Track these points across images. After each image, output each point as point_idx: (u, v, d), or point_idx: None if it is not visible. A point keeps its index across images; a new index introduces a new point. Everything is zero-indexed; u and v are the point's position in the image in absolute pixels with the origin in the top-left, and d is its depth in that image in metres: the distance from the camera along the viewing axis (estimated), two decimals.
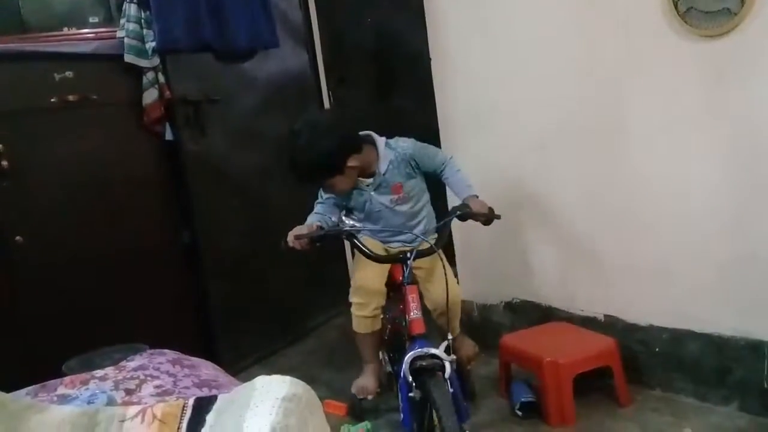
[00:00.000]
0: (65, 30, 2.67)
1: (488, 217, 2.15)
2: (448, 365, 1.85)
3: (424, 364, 1.85)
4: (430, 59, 3.05)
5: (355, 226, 2.11)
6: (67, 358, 2.10)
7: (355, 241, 2.11)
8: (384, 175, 2.24)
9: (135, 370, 1.52)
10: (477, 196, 2.23)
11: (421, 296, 2.09)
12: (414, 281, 2.07)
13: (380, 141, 2.27)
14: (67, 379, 1.50)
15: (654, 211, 2.43)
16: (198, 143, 2.87)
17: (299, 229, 2.13)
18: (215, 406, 1.24)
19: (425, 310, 2.11)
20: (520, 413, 2.44)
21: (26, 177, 2.35)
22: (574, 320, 2.71)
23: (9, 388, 1.43)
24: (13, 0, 2.61)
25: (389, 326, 2.39)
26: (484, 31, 2.80)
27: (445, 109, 3.03)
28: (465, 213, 2.13)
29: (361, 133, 2.25)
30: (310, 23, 3.52)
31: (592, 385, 2.47)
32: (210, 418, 1.22)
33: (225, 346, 2.94)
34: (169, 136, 2.77)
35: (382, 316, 2.36)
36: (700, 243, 2.34)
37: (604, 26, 2.43)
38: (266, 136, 3.19)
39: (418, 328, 1.97)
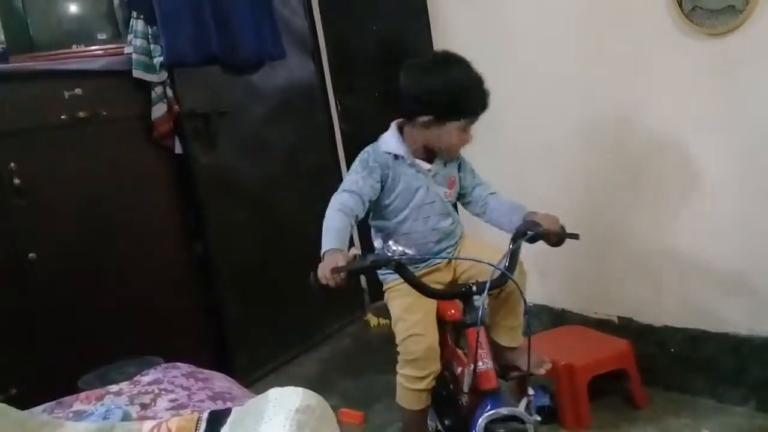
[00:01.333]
0: (74, 47, 2.69)
1: (561, 236, 1.77)
2: (531, 429, 1.55)
3: (504, 431, 1.54)
4: None
5: (406, 252, 1.62)
6: (82, 373, 2.13)
7: (407, 274, 1.66)
8: (445, 163, 1.94)
9: (150, 384, 1.53)
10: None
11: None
12: (482, 321, 1.63)
13: None
14: (82, 394, 1.52)
15: (665, 211, 2.42)
16: (208, 156, 2.88)
17: (334, 260, 1.58)
18: (229, 419, 1.25)
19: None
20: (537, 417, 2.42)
21: (38, 194, 2.37)
22: (587, 323, 2.69)
23: (25, 405, 1.45)
24: (22, 19, 2.64)
25: None
26: (489, 35, 2.81)
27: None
28: (538, 233, 1.73)
29: None
30: (316, 32, 3.53)
31: (608, 388, 2.46)
32: (224, 431, 1.23)
33: (240, 356, 2.96)
34: (178, 149, 2.79)
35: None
36: (713, 242, 2.32)
37: (609, 26, 2.43)
38: (275, 146, 3.21)
39: (490, 382, 1.61)
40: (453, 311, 1.82)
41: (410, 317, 1.86)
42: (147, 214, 2.73)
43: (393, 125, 1.94)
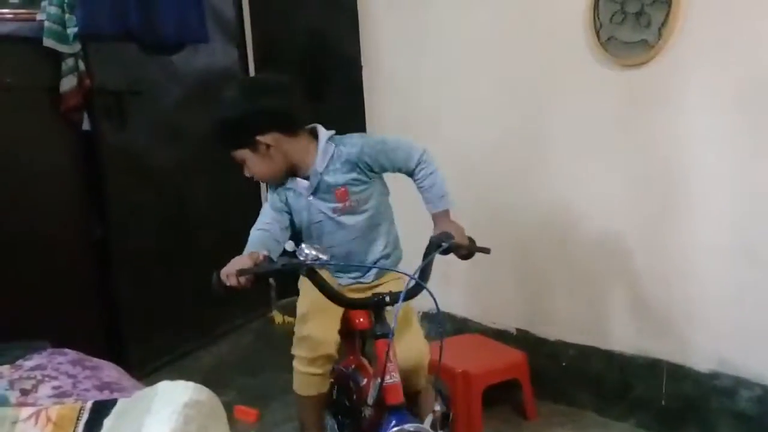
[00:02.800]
0: None
1: (470, 251, 1.72)
2: None
3: None
4: (361, 66, 3.06)
5: (319, 257, 1.52)
6: None
7: (319, 280, 1.59)
8: (322, 175, 1.76)
9: (32, 369, 1.46)
10: (448, 212, 1.80)
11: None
12: (392, 333, 1.53)
13: (324, 134, 1.79)
14: None
15: (567, 230, 2.52)
16: (117, 135, 2.77)
17: (240, 262, 1.53)
18: (114, 410, 1.21)
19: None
20: None
21: None
22: (487, 333, 2.77)
23: None
24: None
25: (334, 380, 1.94)
26: (416, 42, 2.85)
27: (373, 116, 3.06)
28: (451, 245, 1.67)
29: (307, 126, 1.80)
30: (242, 21, 3.47)
31: (501, 397, 2.53)
32: (108, 422, 1.19)
33: (135, 346, 2.85)
34: (86, 126, 2.67)
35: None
36: (608, 262, 2.43)
37: (529, 47, 2.52)
38: (189, 131, 3.12)
39: (396, 397, 1.53)
40: (362, 320, 1.78)
41: (318, 307, 1.77)
42: (45, 191, 2.59)
43: None
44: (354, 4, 3.12)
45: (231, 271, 1.49)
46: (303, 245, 1.51)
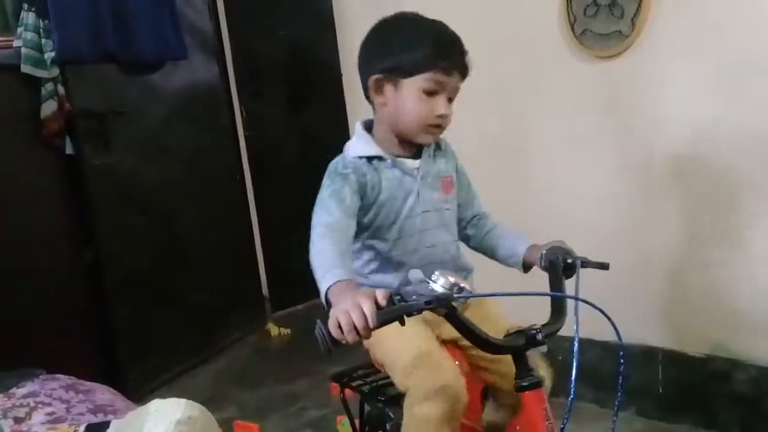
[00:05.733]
0: None
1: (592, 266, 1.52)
2: None
3: None
4: (341, 74, 3.07)
5: (462, 288, 1.14)
6: None
7: (463, 321, 1.19)
8: (434, 156, 1.49)
9: (25, 397, 1.46)
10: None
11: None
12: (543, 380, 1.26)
13: None
14: None
15: (553, 223, 2.51)
16: (101, 157, 2.77)
17: (358, 307, 1.03)
18: None
19: None
20: None
21: None
22: None
23: None
24: None
25: None
26: None
27: (355, 122, 3.04)
28: (585, 262, 1.48)
29: None
30: (221, 35, 3.47)
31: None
32: None
33: (132, 368, 2.84)
34: (69, 150, 2.66)
35: None
36: (596, 253, 2.43)
37: (507, 45, 2.52)
38: (174, 149, 3.12)
39: None
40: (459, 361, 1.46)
41: (411, 341, 1.36)
42: (32, 218, 2.59)
43: (358, 125, 1.52)
44: (330, 12, 3.12)
45: (353, 322, 1.02)
46: (437, 272, 1.13)
